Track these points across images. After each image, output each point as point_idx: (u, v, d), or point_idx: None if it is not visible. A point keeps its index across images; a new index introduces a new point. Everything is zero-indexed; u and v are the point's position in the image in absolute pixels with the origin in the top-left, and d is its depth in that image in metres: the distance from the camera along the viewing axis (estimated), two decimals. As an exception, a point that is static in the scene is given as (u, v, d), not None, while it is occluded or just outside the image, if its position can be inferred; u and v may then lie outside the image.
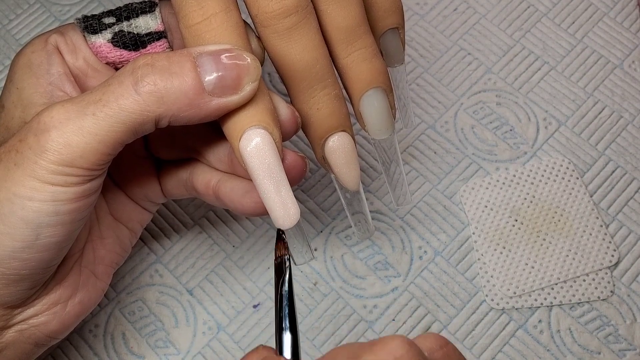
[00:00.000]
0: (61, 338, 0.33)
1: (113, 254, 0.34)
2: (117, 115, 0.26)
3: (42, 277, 0.30)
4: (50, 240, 0.28)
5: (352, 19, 0.30)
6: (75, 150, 0.26)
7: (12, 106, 0.31)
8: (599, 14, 0.48)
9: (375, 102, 0.31)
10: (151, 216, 0.37)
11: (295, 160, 0.30)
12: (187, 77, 0.26)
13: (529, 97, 0.46)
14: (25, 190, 0.26)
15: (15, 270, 0.28)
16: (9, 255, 0.27)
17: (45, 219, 0.27)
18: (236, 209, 0.32)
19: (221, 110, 0.27)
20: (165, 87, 0.26)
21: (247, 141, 0.28)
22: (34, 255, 0.28)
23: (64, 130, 0.26)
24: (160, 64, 0.26)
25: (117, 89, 0.26)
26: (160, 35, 0.32)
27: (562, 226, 0.42)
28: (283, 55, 0.29)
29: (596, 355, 0.39)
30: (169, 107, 0.27)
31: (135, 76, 0.26)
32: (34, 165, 0.26)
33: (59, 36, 0.32)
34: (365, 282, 0.41)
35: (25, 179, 0.26)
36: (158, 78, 0.26)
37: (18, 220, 0.27)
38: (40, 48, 0.31)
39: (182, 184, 0.34)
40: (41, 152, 0.26)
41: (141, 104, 0.26)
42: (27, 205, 0.27)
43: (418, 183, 0.43)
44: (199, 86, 0.27)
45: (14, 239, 0.27)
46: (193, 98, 0.27)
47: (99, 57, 0.32)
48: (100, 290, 0.34)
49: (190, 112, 0.27)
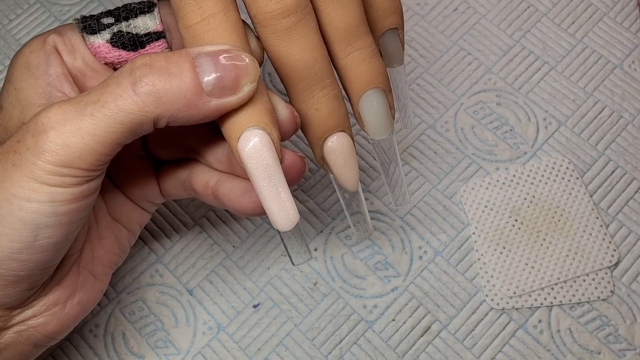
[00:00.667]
0: (60, 339, 0.33)
1: (112, 254, 0.34)
2: (115, 116, 0.26)
3: (41, 278, 0.30)
4: (49, 241, 0.28)
5: (352, 19, 0.30)
6: (73, 151, 0.26)
7: (11, 107, 0.31)
8: (599, 14, 0.48)
9: (375, 103, 0.31)
10: (150, 216, 0.37)
11: (294, 160, 0.30)
12: (185, 78, 0.26)
13: (529, 97, 0.46)
14: (23, 191, 0.26)
15: (14, 271, 0.28)
16: (7, 257, 0.27)
17: (44, 220, 0.27)
18: (235, 209, 0.32)
19: (220, 111, 0.27)
20: (164, 88, 0.26)
21: (245, 141, 0.28)
22: (32, 257, 0.28)
23: (62, 131, 0.26)
24: (158, 64, 0.26)
25: (115, 89, 0.26)
26: (159, 35, 0.32)
27: (562, 226, 0.42)
28: (282, 56, 0.29)
29: (596, 355, 0.39)
30: (168, 107, 0.26)
31: (133, 77, 0.26)
32: (32, 166, 0.26)
33: (57, 36, 0.31)
34: (365, 282, 0.41)
35: (23, 180, 0.26)
36: (156, 78, 0.26)
37: (16, 221, 0.27)
38: (39, 48, 0.31)
39: (181, 184, 0.34)
40: (39, 153, 0.26)
41: (139, 105, 0.26)
42: (25, 206, 0.26)
43: (418, 183, 0.43)
44: (198, 87, 0.27)
45: (12, 240, 0.27)
46: (191, 99, 0.27)
47: (97, 58, 0.32)
48: (99, 291, 0.34)
49: (188, 113, 0.27)
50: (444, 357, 0.39)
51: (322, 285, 0.41)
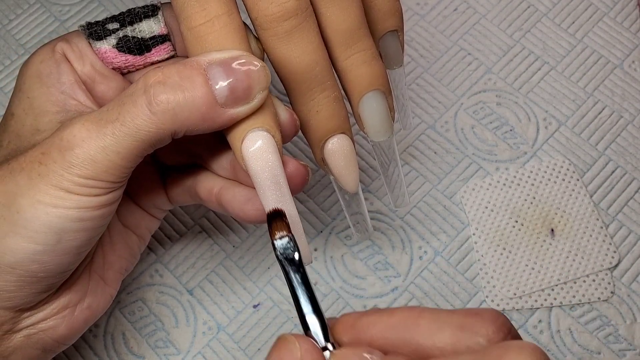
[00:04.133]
0: (69, 344, 0.33)
1: (122, 259, 0.35)
2: (135, 134, 0.27)
3: (57, 281, 0.30)
4: (72, 244, 0.28)
5: (352, 21, 0.30)
6: (100, 166, 0.27)
7: (23, 114, 0.31)
8: (599, 14, 0.48)
9: (374, 105, 0.31)
10: (159, 223, 0.37)
11: (297, 168, 0.30)
12: (199, 92, 0.27)
13: (529, 97, 0.46)
14: (50, 199, 0.27)
15: (33, 272, 0.28)
16: (28, 258, 0.28)
17: (69, 225, 0.28)
18: (238, 216, 0.32)
19: (233, 121, 0.28)
20: (179, 105, 0.27)
21: (249, 143, 0.28)
22: (53, 259, 0.28)
23: (86, 149, 0.27)
24: (171, 80, 0.27)
25: (131, 108, 0.27)
26: (164, 38, 0.32)
27: (563, 227, 0.42)
28: (283, 58, 0.29)
29: (596, 356, 0.39)
30: (183, 122, 0.27)
31: (148, 95, 0.27)
32: (59, 177, 0.27)
33: (65, 44, 0.32)
34: (365, 282, 0.41)
35: (50, 189, 0.27)
36: (171, 96, 0.27)
37: (41, 225, 0.27)
38: (49, 57, 0.32)
39: (187, 190, 0.34)
40: (67, 167, 0.27)
41: (156, 123, 0.27)
42: (51, 211, 0.27)
43: (418, 183, 0.43)
44: (212, 100, 0.27)
45: (35, 243, 0.28)
46: (206, 112, 0.27)
47: (105, 63, 0.32)
48: (108, 296, 0.34)
49: (204, 125, 0.28)
50: (443, 358, 0.39)
51: (322, 285, 0.41)
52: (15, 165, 0.28)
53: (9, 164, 0.28)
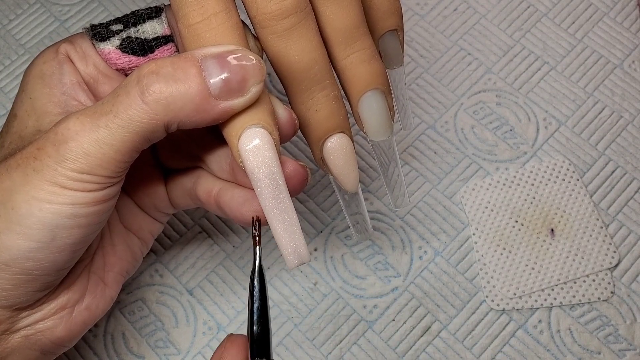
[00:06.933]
0: (67, 347, 0.33)
1: (124, 262, 0.35)
2: (128, 126, 0.27)
3: (53, 280, 0.30)
4: (67, 241, 0.28)
5: (351, 20, 0.30)
6: (94, 160, 0.27)
7: (26, 115, 0.31)
8: (599, 14, 0.48)
9: (374, 104, 0.31)
10: (162, 227, 0.37)
11: (297, 169, 0.30)
12: (192, 83, 0.27)
13: (529, 97, 0.46)
14: (44, 194, 0.27)
15: (28, 270, 0.28)
16: (23, 256, 0.28)
17: (63, 221, 0.28)
18: (236, 217, 0.32)
19: (228, 114, 0.27)
20: (172, 95, 0.26)
21: (246, 140, 0.27)
22: (48, 256, 0.28)
23: (81, 142, 0.27)
24: (164, 71, 0.27)
25: (125, 99, 0.27)
26: (168, 39, 0.32)
27: (563, 227, 0.42)
28: (281, 57, 0.29)
29: (596, 355, 0.39)
30: (177, 113, 0.27)
31: (141, 86, 0.27)
32: (53, 172, 0.27)
33: (68, 45, 0.32)
34: (365, 282, 0.41)
35: (44, 184, 0.27)
36: (163, 86, 0.26)
37: (36, 222, 0.27)
38: (52, 58, 0.32)
39: (187, 193, 0.34)
40: (61, 161, 0.27)
41: (149, 113, 0.27)
42: (45, 207, 0.27)
43: (418, 183, 0.43)
44: (205, 91, 0.27)
45: (30, 239, 0.27)
46: (199, 103, 0.27)
47: (108, 64, 0.32)
48: (108, 298, 0.34)
49: (198, 117, 0.27)
50: (444, 357, 0.39)
51: (322, 285, 0.41)
52: (12, 162, 0.28)
53: (7, 161, 0.28)
